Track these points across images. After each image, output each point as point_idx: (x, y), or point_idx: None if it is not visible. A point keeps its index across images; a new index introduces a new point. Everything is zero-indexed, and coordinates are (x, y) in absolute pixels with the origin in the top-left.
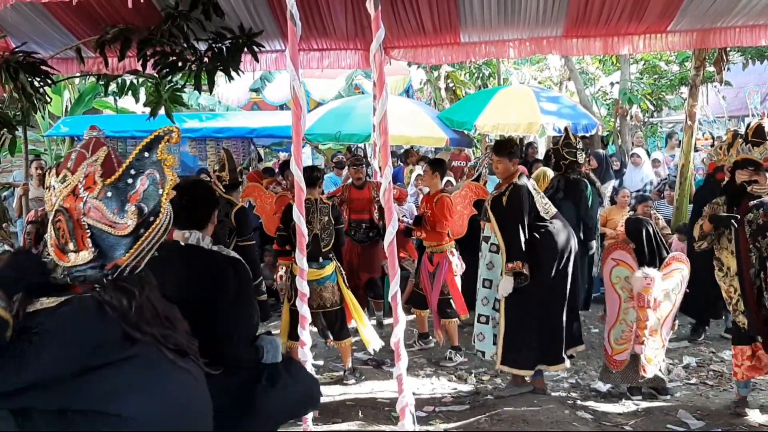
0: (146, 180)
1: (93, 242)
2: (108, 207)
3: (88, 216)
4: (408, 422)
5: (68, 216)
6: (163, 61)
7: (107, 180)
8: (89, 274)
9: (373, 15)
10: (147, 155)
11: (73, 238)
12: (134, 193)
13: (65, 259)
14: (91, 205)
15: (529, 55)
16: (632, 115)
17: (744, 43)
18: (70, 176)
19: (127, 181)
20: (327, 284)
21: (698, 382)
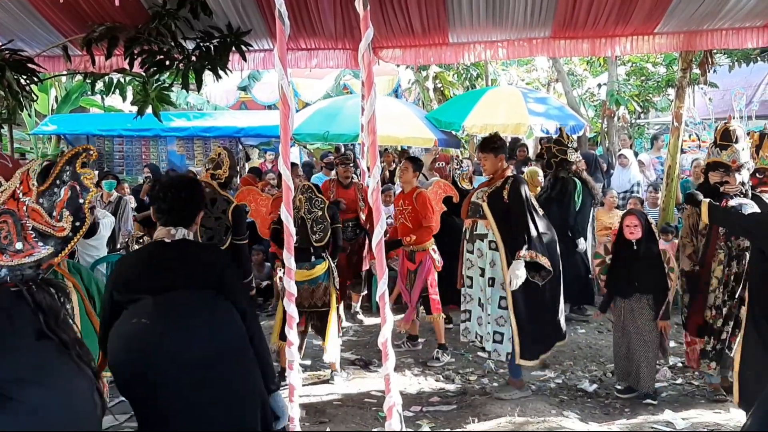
0: (69, 190)
1: (42, 242)
2: (45, 211)
3: (31, 218)
4: (395, 422)
5: (16, 216)
6: (150, 59)
7: (40, 187)
8: (27, 273)
9: (362, 14)
10: (69, 168)
11: (20, 237)
12: (59, 200)
13: (5, 260)
14: (32, 208)
15: (518, 56)
16: (619, 116)
17: (730, 46)
18: (4, 182)
19: (54, 190)
20: (320, 284)
21: (684, 383)
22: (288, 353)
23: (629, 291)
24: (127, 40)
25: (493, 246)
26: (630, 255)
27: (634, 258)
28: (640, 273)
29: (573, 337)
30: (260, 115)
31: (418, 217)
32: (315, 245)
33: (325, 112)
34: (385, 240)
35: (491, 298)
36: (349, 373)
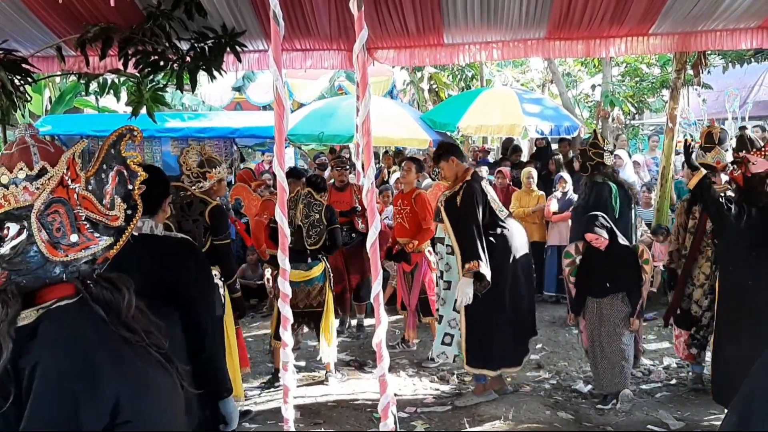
0: (116, 176)
1: (98, 233)
2: (95, 198)
3: (83, 207)
4: (390, 423)
5: (69, 206)
6: (144, 60)
7: (88, 173)
8: (83, 269)
9: (357, 15)
10: (113, 152)
11: (75, 229)
12: (108, 187)
13: (60, 255)
14: (83, 196)
15: (513, 57)
16: (614, 117)
17: (725, 47)
18: (50, 168)
19: (101, 175)
20: (316, 284)
21: (678, 383)
22: (283, 354)
23: (601, 291)
24: (122, 40)
25: (449, 250)
26: (602, 255)
27: (606, 257)
28: (612, 272)
29: (567, 338)
30: (255, 116)
31: (416, 218)
32: (310, 249)
33: (319, 113)
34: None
35: (447, 300)
36: (344, 374)
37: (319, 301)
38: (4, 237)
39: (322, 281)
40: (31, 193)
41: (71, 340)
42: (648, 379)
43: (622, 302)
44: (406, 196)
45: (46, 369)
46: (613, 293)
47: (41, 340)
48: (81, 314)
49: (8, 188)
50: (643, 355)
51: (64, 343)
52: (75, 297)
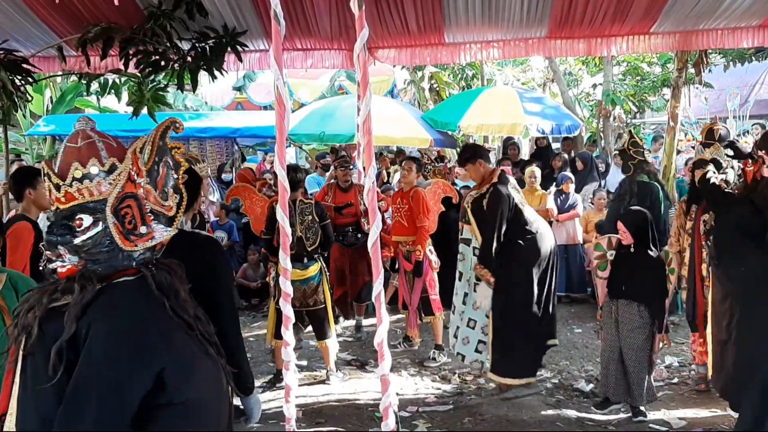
0: (164, 167)
1: (160, 224)
2: (154, 190)
3: (147, 199)
4: (391, 422)
5: (139, 201)
6: (145, 60)
7: (146, 166)
8: (147, 255)
9: (357, 15)
10: (161, 143)
11: (144, 221)
12: (159, 178)
13: (131, 246)
14: (147, 189)
15: (513, 56)
16: (615, 116)
17: (726, 45)
18: (119, 164)
19: (155, 168)
20: (311, 284)
21: (680, 382)
22: (284, 354)
23: (618, 293)
24: (123, 40)
25: (476, 252)
26: (625, 257)
27: (629, 261)
28: (630, 278)
29: (569, 337)
30: (256, 116)
31: (413, 216)
32: (308, 250)
33: (320, 113)
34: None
35: (482, 306)
36: (345, 374)
37: (315, 299)
38: (78, 227)
39: (317, 280)
40: (104, 188)
41: (126, 308)
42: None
43: (638, 312)
44: (404, 194)
45: (99, 327)
46: (629, 299)
47: (99, 304)
48: (139, 291)
49: (82, 182)
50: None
51: (120, 309)
52: (135, 276)
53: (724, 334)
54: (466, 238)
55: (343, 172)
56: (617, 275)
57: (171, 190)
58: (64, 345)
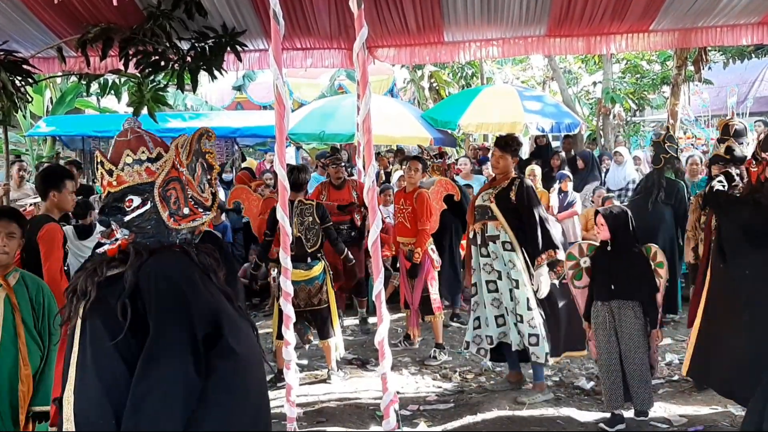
0: (200, 166)
1: (201, 208)
2: (193, 180)
3: (189, 187)
4: (392, 421)
5: (183, 184)
6: (145, 60)
7: (187, 160)
8: (188, 237)
9: (356, 14)
10: (197, 147)
11: (186, 204)
12: (196, 174)
13: (176, 225)
14: (187, 178)
15: (513, 54)
16: (615, 114)
17: (725, 43)
18: (164, 153)
19: (193, 164)
20: (316, 283)
21: (680, 379)
22: (285, 353)
23: (608, 295)
24: (122, 40)
25: (508, 247)
26: (607, 256)
27: (611, 259)
28: (618, 276)
29: None
30: (256, 116)
31: (416, 218)
32: (310, 251)
33: (320, 112)
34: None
35: (519, 300)
36: (346, 373)
37: (320, 299)
38: (128, 207)
39: (321, 280)
40: (152, 173)
41: (180, 266)
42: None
43: (632, 311)
44: (408, 195)
45: (159, 278)
46: (621, 299)
47: (156, 263)
48: (174, 254)
49: (133, 167)
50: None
51: (175, 265)
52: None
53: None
54: (493, 235)
55: (335, 169)
56: (602, 277)
57: (207, 185)
58: (127, 301)
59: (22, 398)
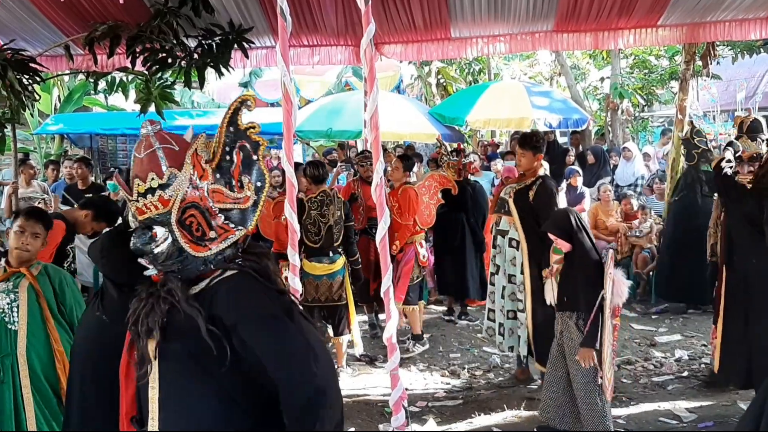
0: (240, 152)
1: (233, 223)
2: (224, 187)
3: (215, 201)
4: (401, 417)
5: (201, 208)
6: (152, 57)
7: (212, 164)
8: (227, 253)
9: (364, 10)
10: (232, 129)
11: (211, 226)
12: (234, 167)
13: (205, 250)
14: (213, 190)
15: (520, 50)
16: (623, 109)
17: (734, 37)
18: (178, 173)
19: (226, 158)
20: (338, 278)
21: (690, 375)
22: None
23: (561, 305)
24: (129, 38)
25: (513, 244)
26: (568, 262)
27: (569, 267)
28: (569, 287)
29: None
30: (263, 113)
31: (401, 213)
32: (334, 244)
33: (327, 109)
34: None
35: (507, 297)
36: (355, 369)
37: (340, 294)
38: (155, 237)
39: (342, 274)
40: (165, 202)
41: (255, 296)
42: (660, 372)
43: (575, 325)
44: (394, 192)
45: (250, 317)
46: (569, 311)
47: (229, 303)
48: (245, 277)
49: (146, 197)
50: (654, 348)
51: (250, 299)
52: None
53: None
54: (503, 230)
55: (364, 168)
56: (560, 286)
57: (248, 178)
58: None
59: (61, 373)
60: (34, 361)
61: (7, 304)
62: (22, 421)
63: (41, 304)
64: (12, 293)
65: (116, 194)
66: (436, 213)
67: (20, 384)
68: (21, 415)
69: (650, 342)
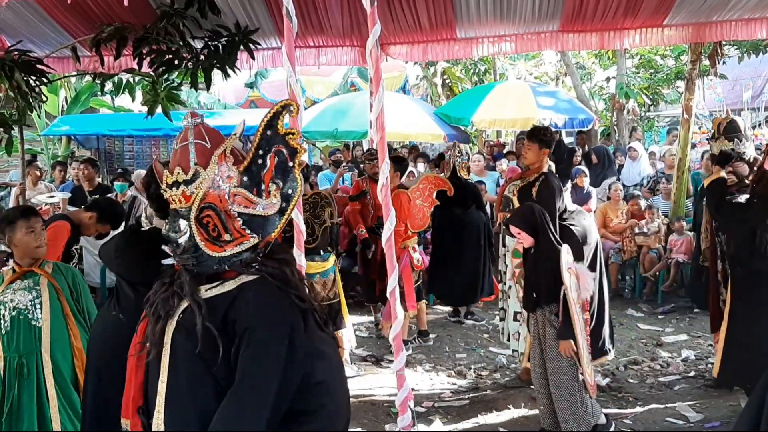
0: (275, 156)
1: (249, 228)
2: (249, 191)
3: (235, 204)
4: (407, 417)
5: (217, 210)
6: (159, 59)
7: (240, 167)
8: (245, 257)
9: (369, 11)
10: (270, 133)
11: (227, 229)
12: (266, 171)
13: (220, 251)
14: (234, 193)
15: (526, 50)
16: (629, 109)
17: (740, 37)
18: (202, 171)
19: (257, 162)
20: (330, 276)
21: (697, 375)
22: None
23: (531, 303)
24: (136, 40)
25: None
26: (532, 260)
27: (535, 264)
28: (539, 284)
29: None
30: None
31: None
32: (328, 243)
33: (333, 110)
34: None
35: (512, 296)
36: (360, 367)
37: (334, 292)
38: (179, 227)
39: (334, 271)
40: (187, 198)
41: (272, 309)
42: (666, 372)
43: (550, 322)
44: None
45: (256, 334)
46: (541, 309)
47: (246, 310)
48: (267, 286)
49: (172, 189)
50: (661, 348)
51: (266, 312)
52: (254, 275)
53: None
54: None
55: (371, 165)
56: (527, 284)
57: (275, 186)
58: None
59: (79, 370)
60: (57, 357)
61: (29, 301)
62: (46, 417)
63: (61, 300)
64: (34, 290)
65: (123, 195)
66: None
67: (44, 380)
68: (45, 412)
69: (657, 342)
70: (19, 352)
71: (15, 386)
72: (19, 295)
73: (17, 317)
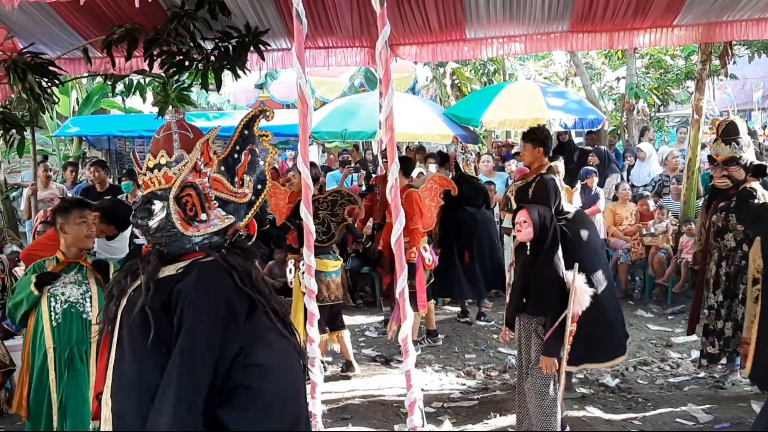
0: (248, 154)
1: (225, 211)
2: (225, 179)
3: (213, 188)
4: (417, 418)
5: (198, 189)
6: (169, 60)
7: (220, 157)
8: (215, 240)
9: (379, 12)
10: (247, 132)
11: (204, 209)
12: (240, 166)
13: (194, 230)
14: (214, 178)
15: (536, 50)
16: (639, 109)
17: (750, 37)
18: (185, 155)
19: (234, 156)
20: (341, 275)
21: (707, 376)
22: (309, 350)
23: (519, 306)
24: (147, 41)
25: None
26: (523, 261)
27: (528, 265)
28: (532, 286)
29: None
30: (279, 114)
31: (407, 218)
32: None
33: (342, 110)
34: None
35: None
36: (368, 366)
37: (343, 292)
38: (152, 212)
39: (339, 273)
40: (168, 178)
41: (217, 285)
42: (676, 373)
43: (535, 330)
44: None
45: (198, 304)
46: (527, 314)
47: (192, 284)
48: (215, 266)
49: (153, 171)
50: (671, 349)
51: (211, 286)
52: (211, 257)
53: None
54: (508, 227)
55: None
56: (516, 285)
57: (249, 178)
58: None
59: None
60: None
61: (80, 295)
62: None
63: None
64: (83, 284)
65: (133, 195)
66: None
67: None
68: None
69: (666, 343)
70: (70, 344)
71: (65, 376)
72: (69, 289)
73: (69, 310)
